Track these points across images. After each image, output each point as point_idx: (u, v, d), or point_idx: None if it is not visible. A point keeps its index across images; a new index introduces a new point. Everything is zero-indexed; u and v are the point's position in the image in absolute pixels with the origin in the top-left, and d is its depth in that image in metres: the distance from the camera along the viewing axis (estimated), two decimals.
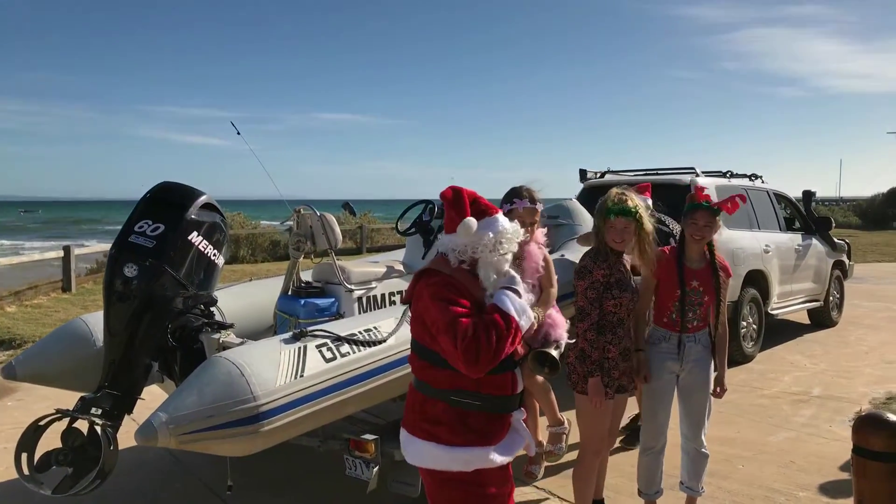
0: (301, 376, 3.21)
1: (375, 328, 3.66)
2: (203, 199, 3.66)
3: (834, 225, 9.51)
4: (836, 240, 9.31)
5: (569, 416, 3.79)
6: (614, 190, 3.44)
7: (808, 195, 9.42)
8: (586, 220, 5.74)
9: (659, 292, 3.61)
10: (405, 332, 3.75)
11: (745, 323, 7.28)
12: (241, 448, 3.08)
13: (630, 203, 3.34)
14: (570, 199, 5.92)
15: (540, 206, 3.57)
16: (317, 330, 3.47)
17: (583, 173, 8.09)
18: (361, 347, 3.51)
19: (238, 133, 4.19)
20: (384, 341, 3.61)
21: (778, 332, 8.51)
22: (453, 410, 2.37)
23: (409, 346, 3.67)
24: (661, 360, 3.60)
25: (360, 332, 3.58)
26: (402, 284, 4.77)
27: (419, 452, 2.44)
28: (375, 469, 3.45)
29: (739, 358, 7.14)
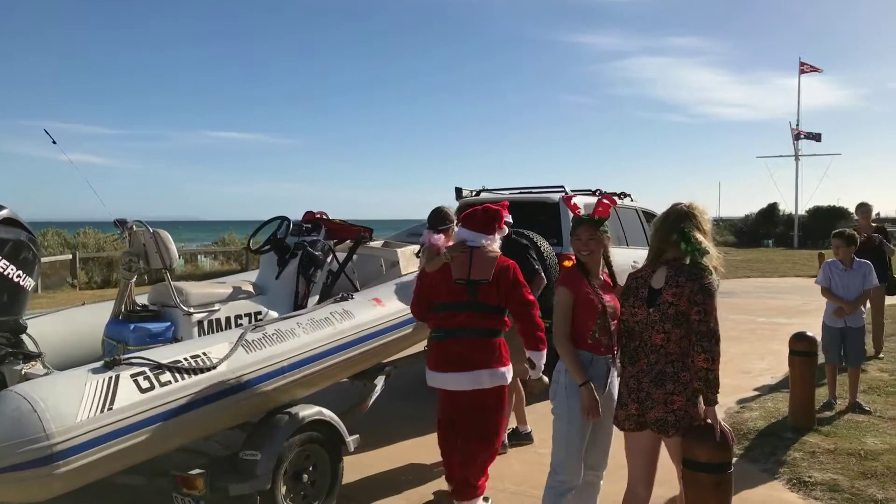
0: (109, 409, 2.92)
1: (204, 354, 3.40)
2: (2, 213, 3.28)
3: None
4: None
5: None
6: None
7: None
8: None
9: (577, 311, 3.29)
10: (240, 357, 3.51)
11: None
12: (35, 493, 2.76)
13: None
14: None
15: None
16: (133, 357, 3.17)
17: (458, 191, 8.05)
18: (186, 375, 3.24)
19: (54, 142, 3.83)
20: (213, 368, 3.35)
21: None
22: (502, 341, 3.83)
23: (243, 373, 3.49)
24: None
25: (185, 359, 3.30)
26: (250, 306, 4.50)
27: (503, 375, 3.76)
28: None
29: None
